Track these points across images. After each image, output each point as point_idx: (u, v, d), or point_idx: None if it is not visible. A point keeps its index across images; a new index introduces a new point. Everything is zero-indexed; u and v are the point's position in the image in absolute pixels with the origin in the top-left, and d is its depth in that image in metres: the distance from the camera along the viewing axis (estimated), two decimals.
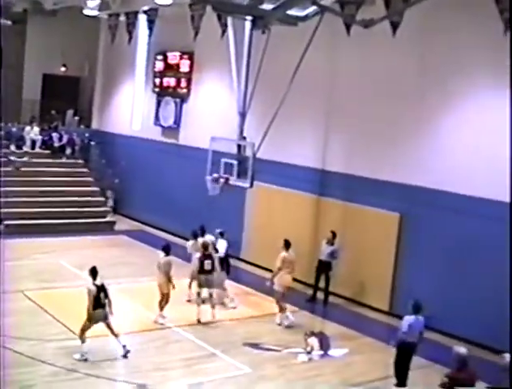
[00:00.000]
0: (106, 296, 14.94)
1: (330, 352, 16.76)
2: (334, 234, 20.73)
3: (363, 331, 18.32)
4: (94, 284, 14.80)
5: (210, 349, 15.94)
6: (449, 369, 11.77)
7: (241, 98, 20.77)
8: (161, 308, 17.58)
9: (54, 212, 27.78)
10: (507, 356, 11.85)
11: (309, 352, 16.49)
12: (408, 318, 13.83)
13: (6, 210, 27.00)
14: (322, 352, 16.73)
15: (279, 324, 18.10)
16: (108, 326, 15.12)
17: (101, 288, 14.85)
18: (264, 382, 13.05)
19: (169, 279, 17.36)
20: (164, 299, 17.56)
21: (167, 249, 17.78)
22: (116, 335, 15.24)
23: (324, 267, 20.75)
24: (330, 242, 20.68)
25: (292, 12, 19.35)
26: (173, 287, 17.46)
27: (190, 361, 15.32)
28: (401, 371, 13.81)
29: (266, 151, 20.53)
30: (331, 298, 20.79)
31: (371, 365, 16.02)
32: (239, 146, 20.72)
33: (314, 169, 22.38)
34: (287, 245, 18.36)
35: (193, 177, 24.95)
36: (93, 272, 14.99)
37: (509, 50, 15.27)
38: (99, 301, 14.78)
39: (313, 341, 17.09)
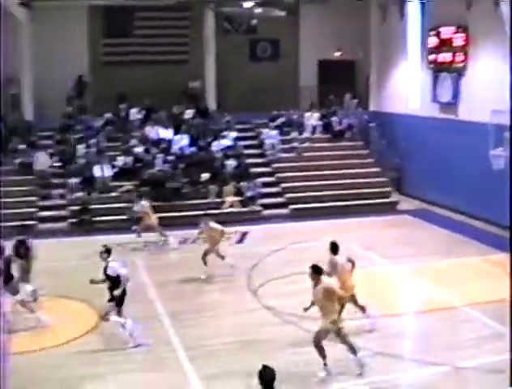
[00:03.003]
0: None
1: None
2: None
3: None
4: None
5: (499, 328, 15.36)
6: None
7: None
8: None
9: (336, 195, 28.39)
10: None
11: None
12: None
13: (290, 195, 28.20)
14: None
15: None
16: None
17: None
18: None
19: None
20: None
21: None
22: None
23: None
24: None
25: None
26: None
27: (479, 340, 15.00)
28: None
29: None
30: None
31: None
32: None
33: None
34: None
35: (474, 152, 24.42)
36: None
37: None
38: None
39: None
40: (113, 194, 26.78)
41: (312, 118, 32.01)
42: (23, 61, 30.26)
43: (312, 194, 28.45)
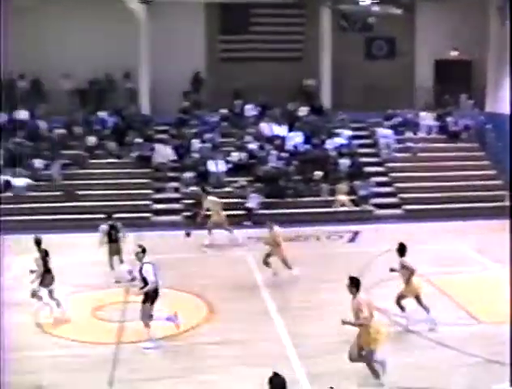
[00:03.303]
0: None
1: None
2: None
3: None
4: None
5: None
6: None
7: None
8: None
9: (450, 196, 28.00)
10: None
11: None
12: None
13: (404, 195, 27.99)
14: None
15: None
16: None
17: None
18: None
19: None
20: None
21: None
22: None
23: None
24: None
25: None
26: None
27: None
28: None
29: None
30: None
31: None
32: None
33: None
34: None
35: None
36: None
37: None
38: None
39: None
40: (227, 189, 27.09)
41: (427, 118, 31.64)
42: (140, 57, 31.02)
43: (426, 195, 28.16)
